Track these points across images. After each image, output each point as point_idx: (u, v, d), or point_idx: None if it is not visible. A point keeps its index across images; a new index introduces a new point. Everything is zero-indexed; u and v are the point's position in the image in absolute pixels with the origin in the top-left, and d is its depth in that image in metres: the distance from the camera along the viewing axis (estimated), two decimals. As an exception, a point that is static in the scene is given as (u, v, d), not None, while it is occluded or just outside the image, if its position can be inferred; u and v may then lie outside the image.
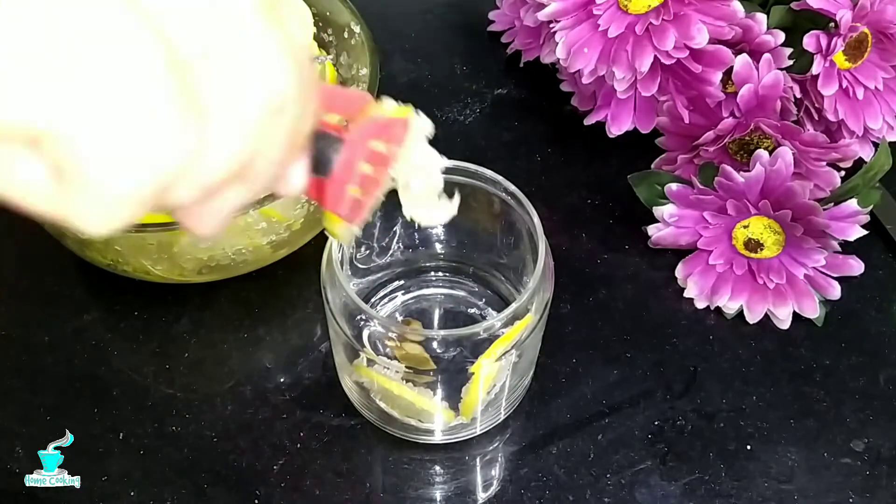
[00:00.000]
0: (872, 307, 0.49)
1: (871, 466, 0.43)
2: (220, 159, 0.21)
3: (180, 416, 0.44)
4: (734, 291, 0.47)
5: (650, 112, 0.49)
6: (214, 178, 0.22)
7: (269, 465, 0.43)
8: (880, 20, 0.45)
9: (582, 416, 0.45)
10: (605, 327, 0.48)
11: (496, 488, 0.43)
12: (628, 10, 0.45)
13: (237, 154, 0.22)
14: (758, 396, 0.45)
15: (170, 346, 0.47)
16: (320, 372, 0.46)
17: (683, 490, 0.42)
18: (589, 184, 0.53)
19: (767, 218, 0.46)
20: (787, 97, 0.45)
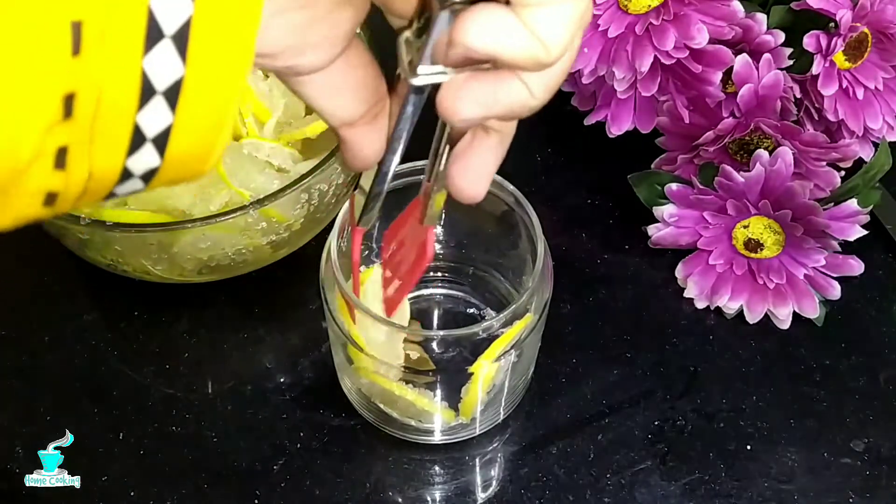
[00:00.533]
0: (872, 307, 0.49)
1: (871, 466, 0.43)
2: None
3: (180, 416, 0.44)
4: (734, 291, 0.47)
5: (650, 112, 0.49)
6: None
7: (269, 465, 0.43)
8: (880, 20, 0.45)
9: (582, 416, 0.45)
10: (605, 327, 0.48)
11: (496, 488, 0.43)
12: (628, 10, 0.45)
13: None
14: (758, 396, 0.45)
15: (170, 346, 0.47)
16: (320, 372, 0.46)
17: (683, 490, 0.42)
18: (589, 184, 0.53)
19: (767, 218, 0.46)
20: (787, 97, 0.45)
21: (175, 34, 0.19)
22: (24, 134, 0.17)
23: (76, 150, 0.19)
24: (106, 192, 0.21)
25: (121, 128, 0.19)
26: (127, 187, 0.21)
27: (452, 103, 0.24)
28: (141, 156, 0.20)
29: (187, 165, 0.21)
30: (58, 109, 0.18)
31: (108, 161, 0.20)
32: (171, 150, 0.20)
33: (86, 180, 0.20)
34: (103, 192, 0.21)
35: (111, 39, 0.18)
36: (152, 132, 0.20)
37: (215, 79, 0.20)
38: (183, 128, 0.20)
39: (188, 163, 0.21)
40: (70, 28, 0.17)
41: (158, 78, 0.19)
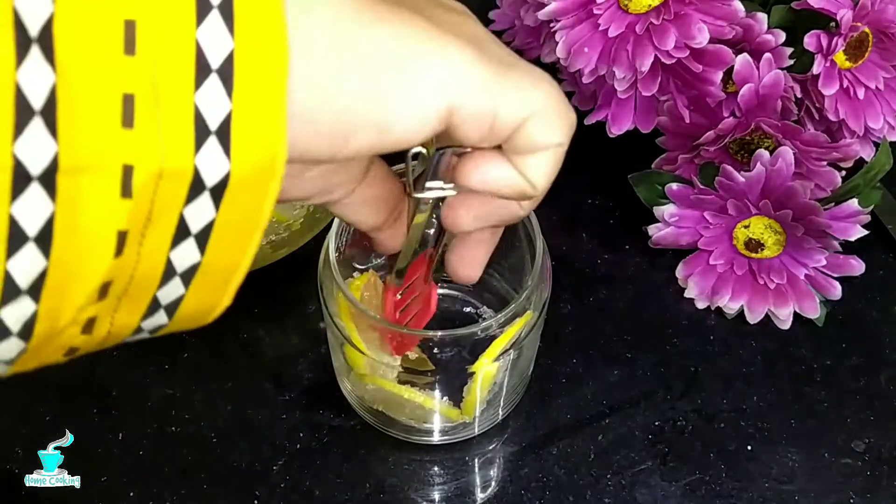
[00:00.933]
0: (873, 307, 0.49)
1: (872, 467, 0.43)
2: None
3: (180, 416, 0.44)
4: (735, 291, 0.47)
5: (650, 112, 0.49)
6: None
7: (269, 465, 0.43)
8: (881, 20, 0.45)
9: (582, 416, 0.45)
10: (606, 327, 0.48)
11: (496, 489, 0.43)
12: (628, 10, 0.45)
13: None
14: (758, 397, 0.45)
15: (170, 346, 0.46)
16: (320, 372, 0.46)
17: (684, 490, 0.42)
18: (589, 184, 0.53)
19: (768, 218, 0.46)
20: (788, 97, 0.45)
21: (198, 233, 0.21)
22: (66, 310, 0.20)
23: (102, 318, 0.22)
24: (117, 343, 0.23)
25: (142, 300, 0.22)
26: (136, 337, 0.23)
27: (455, 219, 0.29)
28: (154, 318, 0.23)
29: (194, 320, 0.24)
30: (95, 294, 0.20)
31: (126, 321, 0.22)
32: (179, 312, 0.23)
33: (104, 337, 0.22)
34: (115, 342, 0.23)
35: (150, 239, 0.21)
36: (166, 301, 0.22)
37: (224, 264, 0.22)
38: (193, 300, 0.23)
39: (195, 318, 0.24)
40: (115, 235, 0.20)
41: (179, 262, 0.22)
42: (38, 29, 0.18)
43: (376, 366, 0.40)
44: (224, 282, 0.23)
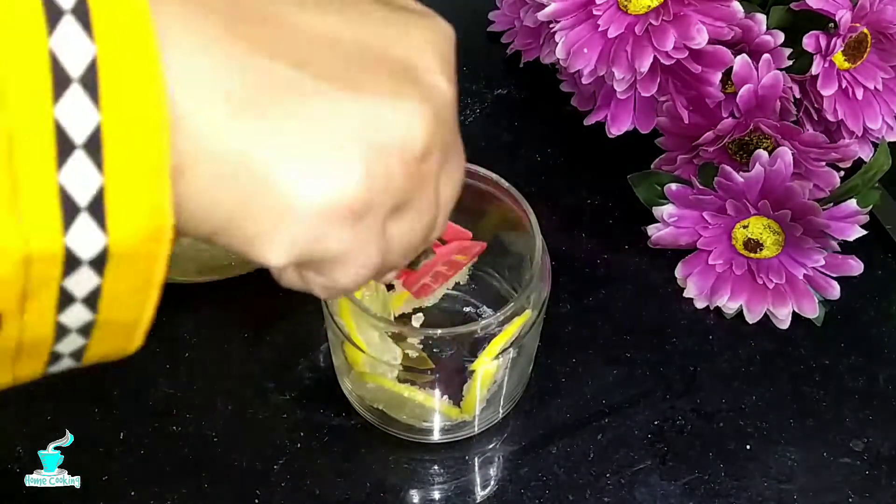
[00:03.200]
0: (872, 307, 0.49)
1: (871, 466, 0.43)
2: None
3: (180, 416, 0.44)
4: (734, 291, 0.47)
5: (650, 112, 0.49)
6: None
7: (269, 465, 0.43)
8: (880, 20, 0.45)
9: (582, 415, 0.45)
10: (605, 327, 0.48)
11: (496, 488, 0.43)
12: (628, 11, 0.45)
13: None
14: (757, 396, 0.45)
15: (170, 346, 0.47)
16: (320, 372, 0.46)
17: (683, 490, 0.42)
18: (589, 184, 0.53)
19: (767, 218, 0.46)
20: (787, 97, 0.45)
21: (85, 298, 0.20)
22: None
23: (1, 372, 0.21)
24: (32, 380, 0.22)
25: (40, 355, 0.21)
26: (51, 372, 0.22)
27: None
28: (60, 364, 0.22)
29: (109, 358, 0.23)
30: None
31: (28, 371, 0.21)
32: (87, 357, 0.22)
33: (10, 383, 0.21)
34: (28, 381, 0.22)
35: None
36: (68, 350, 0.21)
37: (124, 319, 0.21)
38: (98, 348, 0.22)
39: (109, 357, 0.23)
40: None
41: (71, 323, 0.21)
42: None
43: (376, 364, 0.40)
44: (128, 332, 0.22)
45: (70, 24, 0.18)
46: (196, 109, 0.20)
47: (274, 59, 0.21)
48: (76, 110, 0.18)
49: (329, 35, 0.22)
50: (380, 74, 0.22)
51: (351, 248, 0.22)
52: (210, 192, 0.21)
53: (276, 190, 0.21)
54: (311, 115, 0.21)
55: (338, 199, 0.21)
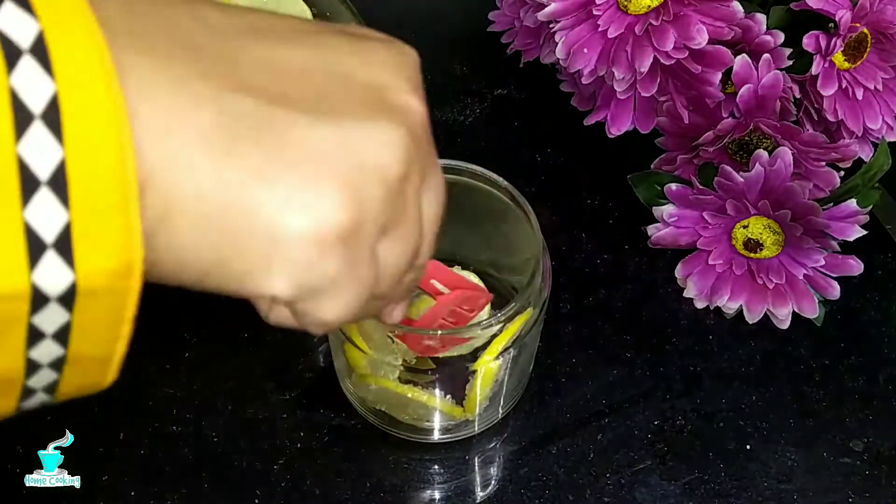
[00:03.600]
0: (872, 307, 0.49)
1: (871, 466, 0.43)
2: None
3: (180, 416, 0.44)
4: (734, 291, 0.47)
5: (650, 112, 0.49)
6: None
7: (269, 465, 0.43)
8: (880, 20, 0.45)
9: (582, 415, 0.45)
10: (605, 327, 0.48)
11: (496, 488, 0.43)
12: (628, 11, 0.45)
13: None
14: (757, 396, 0.45)
15: (170, 346, 0.47)
16: (320, 372, 0.46)
17: (683, 490, 0.42)
18: (589, 184, 0.53)
19: (767, 218, 0.46)
20: (787, 97, 0.45)
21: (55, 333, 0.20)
22: None
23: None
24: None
25: (12, 390, 0.21)
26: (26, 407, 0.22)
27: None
28: (33, 399, 0.21)
29: (82, 393, 0.22)
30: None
31: (1, 406, 0.21)
32: (60, 392, 0.22)
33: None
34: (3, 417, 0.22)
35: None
36: (41, 385, 0.21)
37: (96, 354, 0.21)
38: (71, 382, 0.21)
39: (82, 392, 0.22)
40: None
41: (42, 358, 0.20)
42: None
43: (378, 365, 0.40)
44: (101, 366, 0.21)
45: (29, 62, 0.18)
46: (172, 153, 0.20)
47: (245, 94, 0.21)
48: (39, 147, 0.18)
49: (296, 67, 0.22)
50: (351, 100, 0.22)
51: (343, 273, 0.22)
52: (196, 236, 0.21)
53: (262, 224, 0.21)
54: (288, 147, 0.21)
55: (325, 226, 0.21)
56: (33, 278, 0.19)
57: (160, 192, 0.20)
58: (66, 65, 0.18)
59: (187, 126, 0.20)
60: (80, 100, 0.18)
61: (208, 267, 0.21)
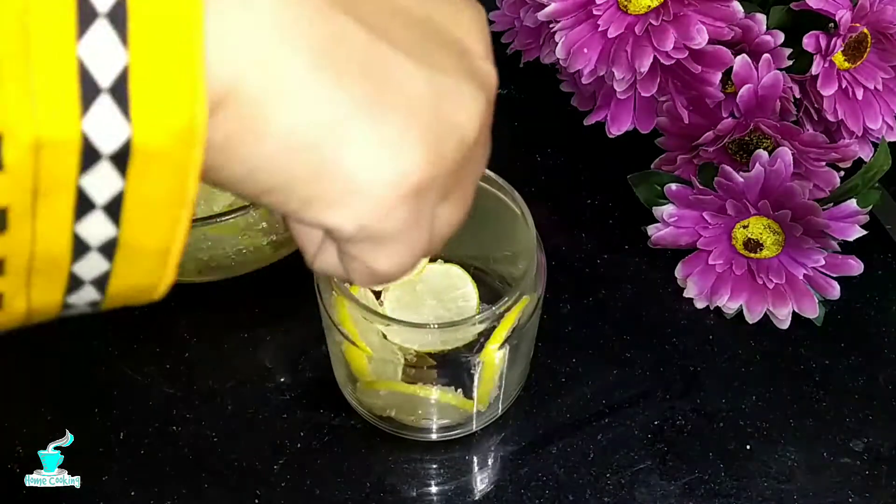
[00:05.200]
0: (872, 307, 0.49)
1: (871, 466, 0.43)
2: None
3: (180, 416, 0.44)
4: (734, 291, 0.47)
5: (650, 112, 0.49)
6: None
7: (269, 465, 0.43)
8: (880, 20, 0.45)
9: (582, 415, 0.45)
10: (605, 327, 0.48)
11: (496, 488, 0.43)
12: (628, 11, 0.45)
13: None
14: (757, 396, 0.45)
15: (170, 346, 0.47)
16: (320, 372, 0.46)
17: (683, 490, 0.42)
18: (589, 184, 0.53)
19: (767, 218, 0.46)
20: (787, 97, 0.45)
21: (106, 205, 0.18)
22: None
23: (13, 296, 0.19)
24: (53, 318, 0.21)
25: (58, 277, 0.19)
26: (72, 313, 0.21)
27: None
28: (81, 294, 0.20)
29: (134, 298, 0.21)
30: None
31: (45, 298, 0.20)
32: (112, 288, 0.20)
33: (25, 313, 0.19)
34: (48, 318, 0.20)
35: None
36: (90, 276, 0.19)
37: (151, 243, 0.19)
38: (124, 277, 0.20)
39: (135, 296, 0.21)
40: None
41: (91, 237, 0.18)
42: None
43: (381, 367, 0.40)
44: (158, 260, 0.20)
45: None
46: (276, 63, 0.19)
47: (355, 20, 0.20)
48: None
49: (401, 7, 0.22)
50: (445, 54, 0.22)
51: (407, 226, 0.22)
52: (279, 156, 0.20)
53: (349, 159, 0.20)
54: (390, 89, 0.21)
55: (406, 177, 0.21)
56: (84, 126, 0.17)
57: (250, 99, 0.19)
58: None
59: (298, 39, 0.19)
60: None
61: (278, 185, 0.20)
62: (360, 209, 0.21)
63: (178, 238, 0.19)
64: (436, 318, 0.43)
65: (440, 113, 0.21)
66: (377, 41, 0.20)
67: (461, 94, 0.22)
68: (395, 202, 0.21)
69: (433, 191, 0.22)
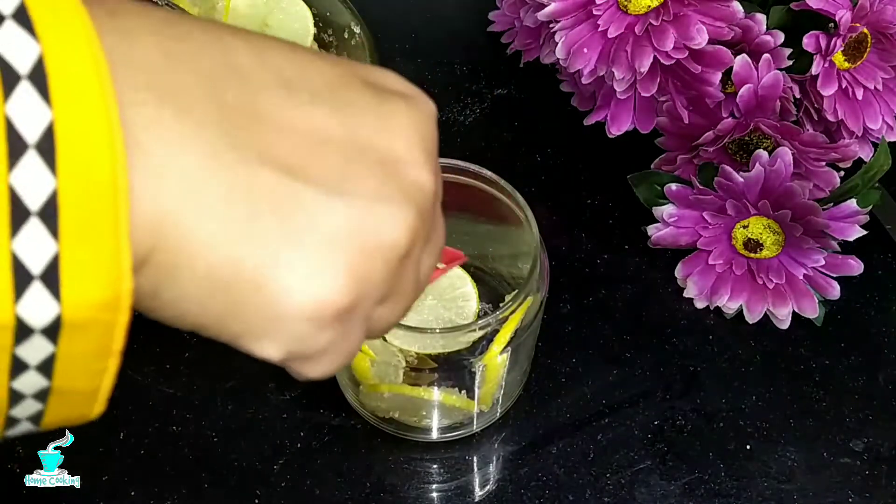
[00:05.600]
0: (872, 307, 0.49)
1: (871, 466, 0.43)
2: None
3: (180, 416, 0.44)
4: (734, 291, 0.47)
5: (650, 112, 0.49)
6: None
7: (269, 465, 0.43)
8: (880, 20, 0.45)
9: (582, 415, 0.45)
10: (605, 327, 0.48)
11: (495, 488, 0.43)
12: (628, 11, 0.45)
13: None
14: (757, 396, 0.45)
15: (170, 346, 0.47)
16: (320, 372, 0.46)
17: (683, 490, 0.42)
18: (589, 184, 0.53)
19: (767, 218, 0.46)
20: (787, 97, 0.45)
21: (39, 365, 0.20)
22: None
23: None
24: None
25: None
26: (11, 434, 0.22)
27: None
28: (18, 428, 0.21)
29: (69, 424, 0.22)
30: None
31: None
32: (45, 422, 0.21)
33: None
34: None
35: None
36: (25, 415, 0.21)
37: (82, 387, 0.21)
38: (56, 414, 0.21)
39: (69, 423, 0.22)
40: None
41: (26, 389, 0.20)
42: None
43: (384, 370, 0.40)
44: (89, 398, 0.21)
45: (26, 90, 0.18)
46: (187, 218, 0.20)
47: (268, 166, 0.21)
48: (32, 177, 0.18)
49: (318, 131, 0.22)
50: (366, 174, 0.23)
51: (336, 343, 0.23)
52: (201, 299, 0.21)
53: (266, 295, 0.21)
54: (301, 221, 0.21)
55: (325, 305, 0.22)
56: (18, 310, 0.18)
57: (171, 252, 0.20)
58: (64, 93, 0.18)
59: (205, 192, 0.20)
60: (76, 129, 0.18)
61: (208, 322, 0.22)
62: (285, 339, 0.22)
63: (107, 380, 0.21)
64: (436, 318, 0.43)
65: (361, 238, 0.22)
66: (290, 181, 0.21)
67: (385, 215, 0.22)
68: (317, 328, 0.22)
69: (359, 310, 0.23)
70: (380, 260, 0.23)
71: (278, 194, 0.21)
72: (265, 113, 0.22)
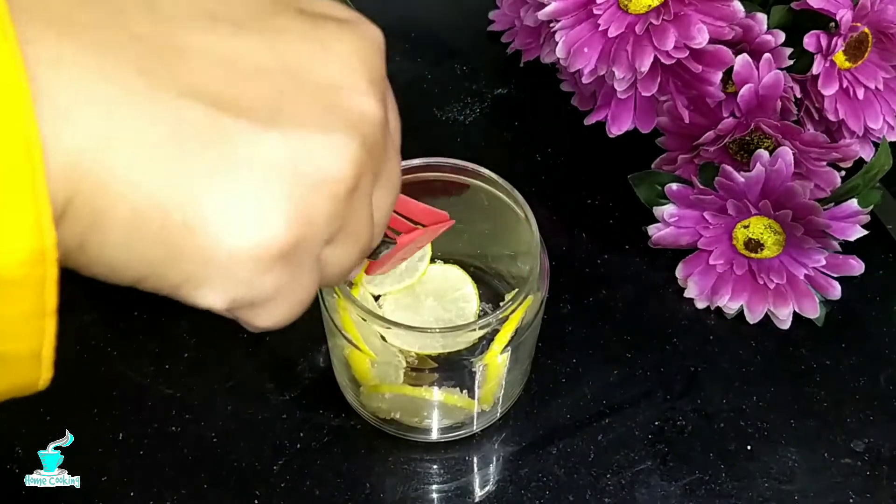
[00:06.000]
0: (873, 307, 0.49)
1: (872, 467, 0.43)
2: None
3: (180, 416, 0.44)
4: (734, 291, 0.47)
5: (650, 112, 0.49)
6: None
7: (269, 465, 0.43)
8: (881, 20, 0.45)
9: (582, 416, 0.45)
10: (605, 327, 0.48)
11: (496, 488, 0.43)
12: (628, 10, 0.45)
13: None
14: (758, 397, 0.45)
15: (170, 346, 0.47)
16: (320, 372, 0.46)
17: (683, 490, 0.42)
18: (589, 184, 0.53)
19: (768, 218, 0.46)
20: (788, 97, 0.45)
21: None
22: None
23: None
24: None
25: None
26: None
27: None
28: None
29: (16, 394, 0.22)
30: None
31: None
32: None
33: None
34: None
35: None
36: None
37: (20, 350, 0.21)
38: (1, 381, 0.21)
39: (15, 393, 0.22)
40: None
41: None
42: None
43: (385, 370, 0.40)
44: (32, 363, 0.20)
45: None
46: (107, 161, 0.19)
47: (193, 99, 0.19)
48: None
49: (250, 63, 0.21)
50: (304, 106, 0.21)
51: (284, 287, 0.22)
52: (128, 248, 0.20)
53: (199, 238, 0.20)
54: (232, 157, 0.20)
55: (265, 244, 0.20)
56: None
57: (91, 196, 0.19)
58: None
59: (122, 130, 0.19)
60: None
61: (144, 273, 0.21)
62: (226, 285, 0.21)
63: (47, 342, 0.20)
64: (436, 319, 0.43)
65: (300, 172, 0.21)
66: (218, 115, 0.20)
67: (325, 147, 0.21)
68: (260, 271, 0.21)
69: (306, 248, 0.21)
70: (323, 194, 0.21)
71: (205, 128, 0.19)
72: (186, 45, 0.20)
